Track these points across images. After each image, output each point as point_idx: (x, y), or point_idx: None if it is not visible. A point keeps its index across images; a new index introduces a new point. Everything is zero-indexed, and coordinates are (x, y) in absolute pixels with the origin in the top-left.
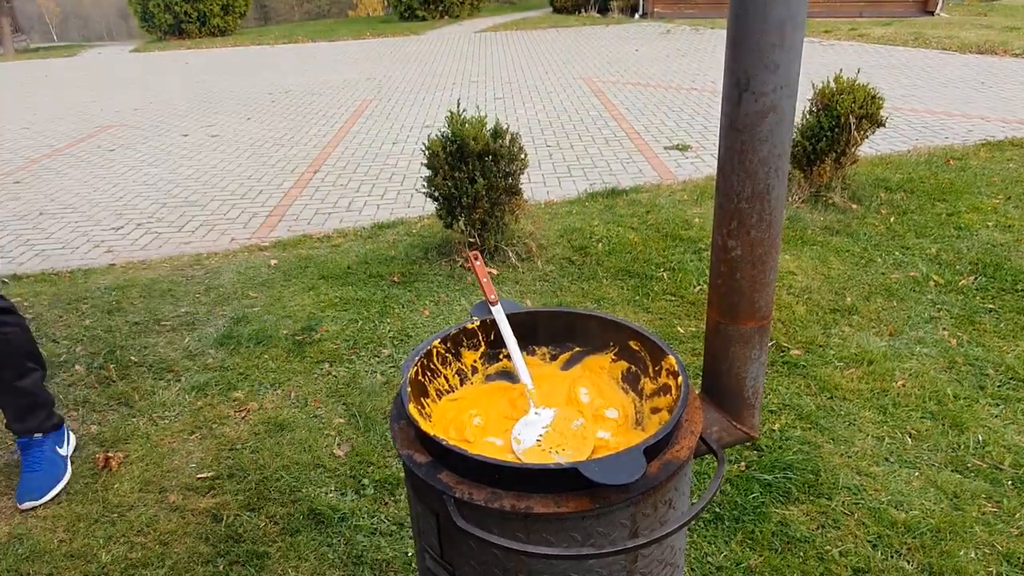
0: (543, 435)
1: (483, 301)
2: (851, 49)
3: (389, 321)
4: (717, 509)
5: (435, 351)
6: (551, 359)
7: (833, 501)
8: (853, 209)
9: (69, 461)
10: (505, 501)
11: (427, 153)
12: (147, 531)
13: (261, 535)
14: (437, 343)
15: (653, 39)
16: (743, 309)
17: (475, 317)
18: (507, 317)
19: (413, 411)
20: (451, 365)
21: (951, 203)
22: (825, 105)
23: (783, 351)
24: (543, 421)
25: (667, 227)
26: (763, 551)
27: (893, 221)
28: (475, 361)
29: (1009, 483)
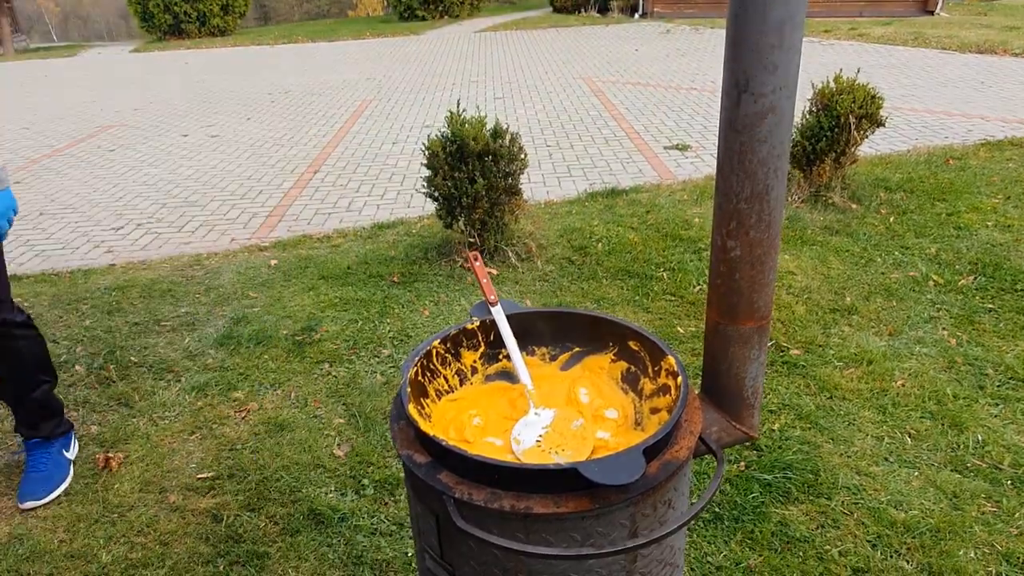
0: (543, 435)
1: (483, 301)
2: (851, 49)
3: (389, 321)
4: (717, 509)
5: (435, 351)
6: (551, 359)
7: (833, 501)
8: (853, 209)
9: (72, 464)
10: (505, 501)
11: (427, 153)
12: (147, 531)
13: (261, 535)
14: (437, 343)
15: (653, 39)
16: (742, 309)
17: (475, 317)
18: (507, 317)
19: (413, 411)
20: (451, 365)
21: (951, 203)
22: (825, 105)
23: (783, 351)
24: (543, 421)
25: (667, 227)
26: (763, 551)
27: (893, 221)
28: (475, 361)
29: (1008, 483)
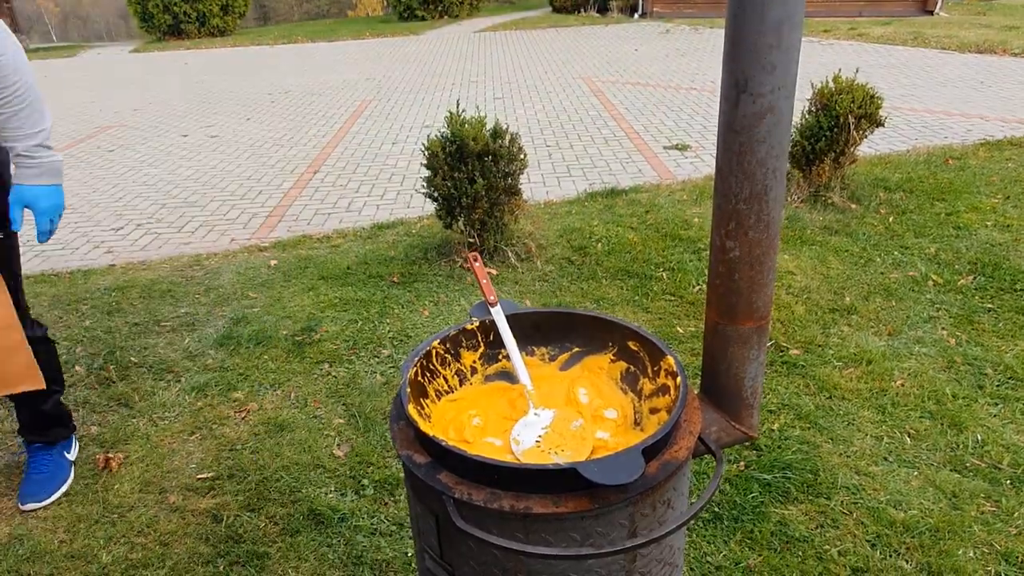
0: (542, 436)
1: (482, 302)
2: (850, 48)
3: (389, 321)
4: (716, 509)
5: (434, 352)
6: (550, 360)
7: (832, 500)
8: (852, 209)
9: (73, 465)
10: (504, 501)
11: (427, 153)
12: (147, 532)
13: (261, 535)
14: (436, 344)
15: (652, 39)
16: (741, 309)
17: (474, 318)
18: (506, 318)
19: (412, 412)
20: (450, 366)
21: (950, 203)
22: (824, 105)
23: (782, 351)
24: (542, 422)
25: (666, 227)
26: (762, 551)
27: (892, 221)
28: (474, 362)
29: (1008, 482)
